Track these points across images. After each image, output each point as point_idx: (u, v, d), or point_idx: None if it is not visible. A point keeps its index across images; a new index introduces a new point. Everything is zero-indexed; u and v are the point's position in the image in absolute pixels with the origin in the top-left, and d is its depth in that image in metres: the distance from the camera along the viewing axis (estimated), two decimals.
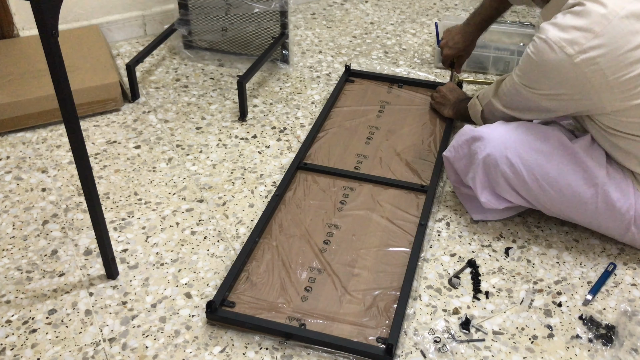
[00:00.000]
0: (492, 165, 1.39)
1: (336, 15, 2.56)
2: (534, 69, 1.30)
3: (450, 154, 1.49)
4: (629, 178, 1.35)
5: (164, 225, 1.51)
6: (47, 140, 1.79)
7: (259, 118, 1.91)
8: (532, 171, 1.36)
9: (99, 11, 2.25)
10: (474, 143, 1.42)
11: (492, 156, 1.38)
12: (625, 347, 1.23)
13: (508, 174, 1.37)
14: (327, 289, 1.32)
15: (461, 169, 1.48)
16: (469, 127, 1.46)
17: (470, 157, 1.43)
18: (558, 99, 1.30)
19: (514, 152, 1.36)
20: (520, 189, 1.39)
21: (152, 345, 1.22)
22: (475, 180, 1.43)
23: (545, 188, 1.36)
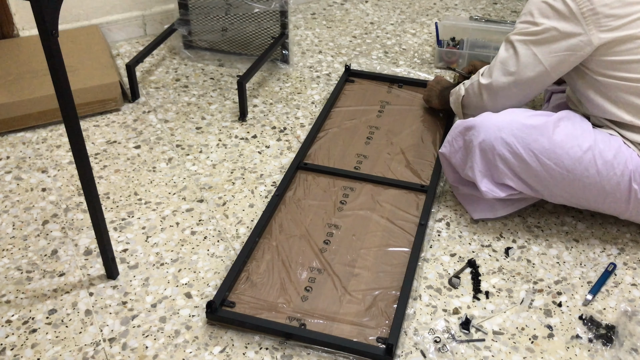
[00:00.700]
0: (489, 150, 1.39)
1: (336, 15, 2.56)
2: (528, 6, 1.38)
3: (445, 149, 1.50)
4: (614, 134, 1.38)
5: (164, 225, 1.51)
6: (47, 140, 1.79)
7: (259, 118, 1.91)
8: (528, 147, 1.36)
9: (99, 11, 2.25)
10: (468, 132, 1.43)
11: (487, 141, 1.39)
12: (625, 347, 1.23)
13: (506, 155, 1.38)
14: (327, 289, 1.32)
15: (458, 162, 1.48)
16: (460, 120, 1.48)
17: (466, 148, 1.44)
18: (551, 40, 1.35)
19: (508, 132, 1.38)
20: (520, 171, 1.39)
21: (152, 345, 1.22)
22: (474, 169, 1.43)
23: (544, 162, 1.36)
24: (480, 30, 2.25)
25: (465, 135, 1.44)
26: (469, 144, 1.43)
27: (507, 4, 2.68)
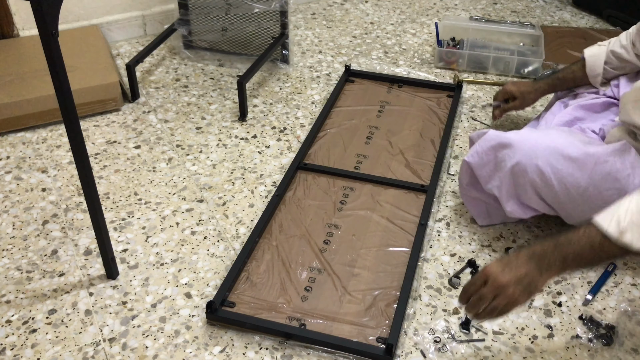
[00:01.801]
0: (521, 175, 1.33)
1: (336, 15, 2.56)
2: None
3: (473, 159, 1.41)
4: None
5: (164, 225, 1.51)
6: (47, 140, 1.79)
7: (259, 118, 1.91)
8: (562, 181, 1.30)
9: (99, 11, 2.25)
10: (502, 150, 1.35)
11: (521, 164, 1.32)
12: (625, 347, 1.23)
13: (537, 182, 1.32)
14: (327, 289, 1.32)
15: (483, 176, 1.41)
16: (494, 132, 1.39)
17: (497, 165, 1.37)
18: None
19: (544, 161, 1.30)
20: (548, 198, 1.35)
21: (152, 345, 1.22)
22: (501, 189, 1.38)
23: (574, 197, 1.31)
24: (480, 30, 2.26)
25: (498, 152, 1.36)
26: (501, 163, 1.36)
27: (507, 4, 2.68)
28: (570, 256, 1.02)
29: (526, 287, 1.03)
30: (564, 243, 1.03)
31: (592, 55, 1.59)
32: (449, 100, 1.96)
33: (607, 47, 1.57)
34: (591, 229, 1.01)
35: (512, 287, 1.02)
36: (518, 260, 1.04)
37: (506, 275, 1.03)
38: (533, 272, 1.03)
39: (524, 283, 1.03)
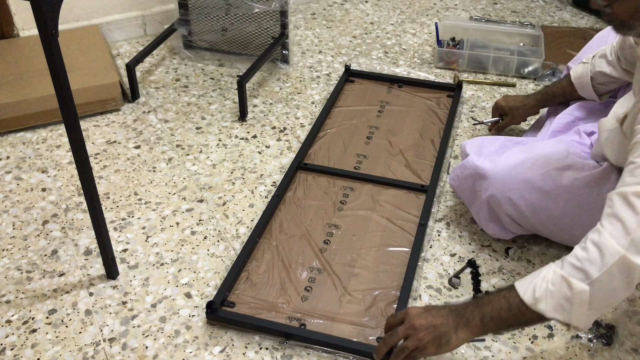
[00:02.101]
0: (496, 205, 1.36)
1: (336, 15, 2.56)
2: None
3: (454, 182, 1.45)
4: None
5: (164, 225, 1.51)
6: (47, 140, 1.79)
7: (259, 118, 1.91)
8: (536, 212, 1.32)
9: (99, 11, 2.25)
10: (478, 181, 1.37)
11: (495, 197, 1.34)
12: (625, 347, 1.23)
13: (513, 213, 1.35)
14: (327, 289, 1.32)
15: (465, 198, 1.45)
16: (472, 158, 1.39)
17: (473, 193, 1.40)
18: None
19: (517, 194, 1.32)
20: (526, 225, 1.37)
21: (152, 345, 1.22)
22: (479, 215, 1.42)
23: (550, 227, 1.34)
24: (480, 30, 2.26)
25: (475, 181, 1.38)
26: (477, 192, 1.38)
27: (507, 4, 2.68)
28: (488, 315, 1.04)
29: (437, 337, 1.05)
30: (484, 302, 1.05)
31: (578, 77, 1.56)
32: (449, 100, 1.96)
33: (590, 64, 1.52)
34: (511, 292, 1.03)
35: (423, 332, 1.05)
36: (439, 311, 1.07)
37: (421, 319, 1.06)
38: (449, 325, 1.05)
39: (435, 332, 1.05)
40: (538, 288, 1.01)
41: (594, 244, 0.98)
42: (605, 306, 1.00)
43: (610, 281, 0.96)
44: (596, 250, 0.97)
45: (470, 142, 1.49)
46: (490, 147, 1.46)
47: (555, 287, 0.99)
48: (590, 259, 0.97)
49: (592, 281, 0.97)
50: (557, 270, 1.01)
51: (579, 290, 0.97)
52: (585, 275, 0.98)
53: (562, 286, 0.99)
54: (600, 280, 0.97)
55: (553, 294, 0.99)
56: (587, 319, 1.00)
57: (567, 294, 0.98)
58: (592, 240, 0.99)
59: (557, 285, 0.99)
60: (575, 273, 0.98)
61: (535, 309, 1.00)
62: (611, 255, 0.96)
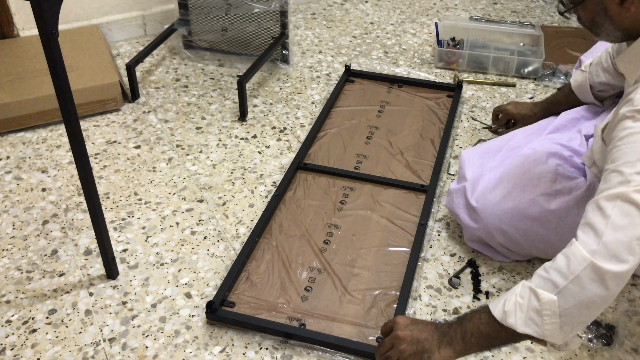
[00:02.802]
0: (489, 237, 1.38)
1: (336, 15, 2.56)
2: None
3: (449, 205, 1.46)
4: None
5: (164, 225, 1.51)
6: (47, 140, 1.79)
7: (259, 118, 1.91)
8: (529, 238, 1.33)
9: (99, 11, 2.25)
10: (470, 212, 1.39)
11: (487, 229, 1.36)
12: (625, 347, 1.23)
13: (506, 243, 1.36)
14: (327, 288, 1.32)
15: (460, 222, 1.45)
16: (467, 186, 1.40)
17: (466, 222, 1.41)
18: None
19: (508, 224, 1.33)
20: (520, 251, 1.38)
21: (152, 345, 1.22)
22: (473, 242, 1.44)
23: (545, 250, 1.35)
24: (480, 30, 2.26)
25: (468, 210, 1.40)
26: (468, 223, 1.40)
27: (507, 4, 2.68)
28: (469, 333, 1.02)
29: (419, 352, 1.03)
30: (466, 319, 1.04)
31: (578, 86, 1.56)
32: (449, 100, 1.96)
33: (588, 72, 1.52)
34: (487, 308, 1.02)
35: (406, 344, 1.04)
36: (425, 326, 1.06)
37: (407, 331, 1.05)
38: (432, 341, 1.04)
39: (418, 346, 1.04)
40: (507, 302, 0.99)
41: (563, 254, 0.97)
42: (582, 316, 0.96)
43: (580, 289, 0.93)
44: (564, 259, 0.95)
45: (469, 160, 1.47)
46: (491, 162, 1.46)
47: (524, 299, 0.97)
48: (557, 268, 0.95)
49: (560, 290, 0.94)
50: (526, 283, 0.99)
51: (547, 300, 0.94)
52: (552, 285, 0.95)
53: (530, 298, 0.96)
54: (568, 289, 0.93)
55: (522, 306, 0.97)
56: (562, 332, 0.96)
57: (536, 305, 0.95)
58: (563, 251, 0.97)
59: (525, 298, 0.97)
60: (542, 284, 0.96)
61: (505, 324, 0.98)
62: (578, 263, 0.93)
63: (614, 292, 0.94)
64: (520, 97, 2.02)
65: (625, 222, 0.92)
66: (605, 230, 0.93)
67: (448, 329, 1.04)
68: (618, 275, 0.93)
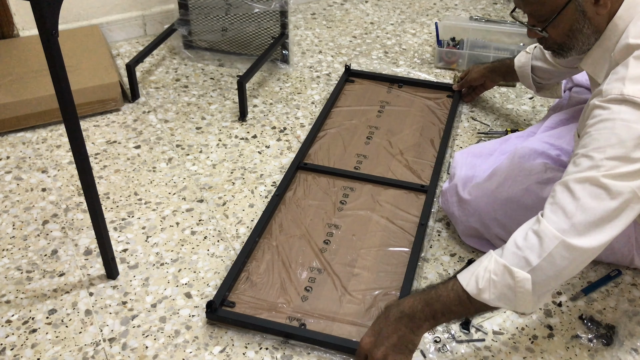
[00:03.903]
0: (484, 228, 1.38)
1: (336, 15, 2.56)
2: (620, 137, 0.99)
3: (444, 205, 1.47)
4: None
5: (164, 225, 1.51)
6: (47, 140, 1.79)
7: (259, 118, 1.91)
8: None
9: (99, 11, 2.25)
10: (462, 205, 1.40)
11: (482, 220, 1.36)
12: (625, 347, 1.23)
13: (500, 234, 1.36)
14: (327, 288, 1.32)
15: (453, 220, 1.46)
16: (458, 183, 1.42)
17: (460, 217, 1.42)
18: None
19: (502, 214, 1.34)
20: None
21: (152, 345, 1.22)
22: (469, 238, 1.44)
23: None
24: (480, 30, 2.26)
25: (461, 206, 1.40)
26: (462, 217, 1.40)
27: (507, 4, 2.68)
28: (439, 312, 1.06)
29: (404, 349, 1.07)
30: (433, 299, 1.06)
31: (520, 67, 1.61)
32: (448, 100, 1.96)
33: (532, 54, 1.56)
34: (458, 285, 1.05)
35: (391, 356, 1.06)
36: (388, 327, 1.07)
37: (380, 348, 1.07)
38: (405, 334, 1.07)
39: (399, 347, 1.07)
40: (481, 279, 1.03)
41: (534, 232, 1.01)
42: (551, 287, 1.03)
43: (552, 266, 0.99)
44: (535, 238, 1.00)
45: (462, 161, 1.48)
46: (484, 165, 1.47)
47: (498, 277, 1.01)
48: (530, 246, 1.00)
49: (533, 268, 0.99)
50: (499, 259, 1.02)
51: (521, 278, 1.00)
52: (526, 262, 1.00)
53: (505, 276, 1.01)
54: (541, 267, 0.99)
55: (496, 283, 1.01)
56: (532, 304, 1.03)
57: (510, 282, 1.00)
58: (532, 229, 1.02)
59: (499, 275, 1.01)
60: (516, 261, 1.01)
61: (479, 299, 1.03)
62: (550, 241, 0.98)
63: (584, 265, 1.02)
64: (520, 97, 2.02)
65: (595, 204, 0.98)
66: (575, 212, 0.98)
67: (414, 313, 1.06)
68: (588, 251, 0.99)
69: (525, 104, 1.99)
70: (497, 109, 1.96)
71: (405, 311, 1.07)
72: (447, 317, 1.06)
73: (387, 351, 1.06)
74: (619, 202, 0.98)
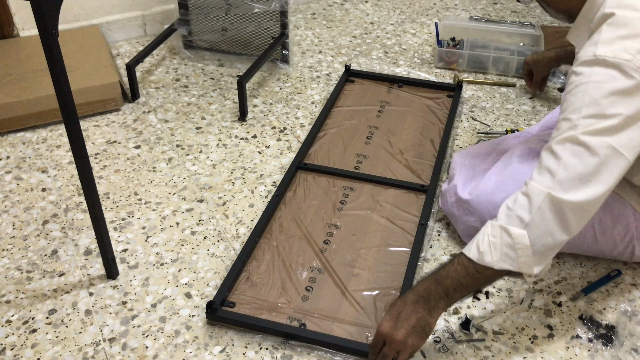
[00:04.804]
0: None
1: (336, 15, 2.56)
2: (593, 97, 1.04)
3: (443, 206, 1.48)
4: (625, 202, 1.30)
5: (164, 225, 1.51)
6: (47, 140, 1.79)
7: (259, 118, 1.91)
8: None
9: (99, 11, 2.25)
10: (462, 206, 1.40)
11: (482, 219, 1.35)
12: (625, 347, 1.23)
13: None
14: (328, 288, 1.32)
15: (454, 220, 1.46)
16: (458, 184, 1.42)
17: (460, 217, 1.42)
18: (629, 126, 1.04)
19: None
20: None
21: (152, 345, 1.22)
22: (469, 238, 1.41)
23: None
24: (480, 30, 2.26)
25: (460, 206, 1.41)
26: (462, 217, 1.41)
27: (507, 4, 2.68)
28: (451, 289, 1.10)
29: (421, 332, 1.10)
30: (443, 277, 1.10)
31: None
32: (449, 100, 1.96)
33: None
34: (462, 257, 1.10)
35: (410, 338, 1.09)
36: (406, 310, 1.10)
37: (400, 331, 1.09)
38: (423, 316, 1.09)
39: (418, 330, 1.09)
40: (481, 243, 1.08)
41: (523, 194, 1.07)
42: (548, 249, 1.06)
43: (543, 220, 1.04)
44: (524, 198, 1.06)
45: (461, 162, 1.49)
46: (482, 165, 1.47)
47: (496, 238, 1.06)
48: (520, 206, 1.06)
49: (527, 224, 1.05)
50: (494, 223, 1.08)
51: (518, 234, 1.05)
52: (519, 220, 1.05)
53: (503, 235, 1.06)
54: (534, 221, 1.04)
55: (496, 244, 1.06)
56: (535, 262, 1.06)
57: (508, 241, 1.05)
58: (520, 192, 1.08)
59: (497, 236, 1.06)
60: (510, 220, 1.06)
61: (483, 264, 1.07)
62: (537, 196, 1.04)
63: (573, 221, 1.05)
64: (520, 97, 2.02)
65: (576, 161, 1.03)
66: (558, 170, 1.04)
67: (428, 294, 1.10)
68: (572, 204, 1.03)
69: (525, 104, 1.99)
70: (497, 109, 1.97)
71: (420, 293, 1.10)
72: (459, 293, 1.09)
73: (408, 333, 1.08)
74: (599, 157, 1.02)
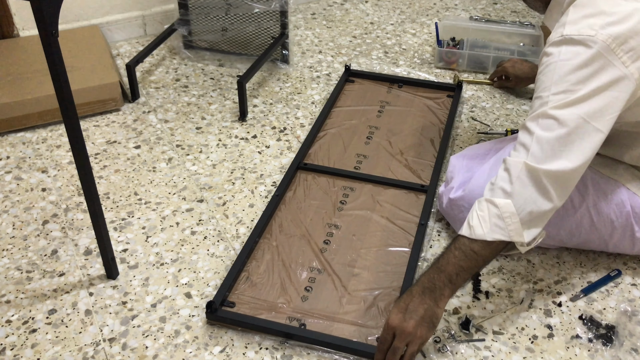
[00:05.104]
0: None
1: (336, 15, 2.56)
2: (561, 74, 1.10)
3: (441, 208, 1.48)
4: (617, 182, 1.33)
5: (164, 225, 1.51)
6: (47, 140, 1.79)
7: (259, 118, 1.91)
8: None
9: (99, 11, 2.25)
10: (460, 204, 1.40)
11: None
12: (625, 347, 1.23)
13: None
14: (327, 288, 1.32)
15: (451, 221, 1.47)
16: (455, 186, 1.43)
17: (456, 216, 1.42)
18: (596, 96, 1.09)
19: None
20: None
21: (152, 345, 1.22)
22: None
23: None
24: (480, 30, 2.26)
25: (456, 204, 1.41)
26: (458, 216, 1.41)
27: (507, 4, 2.68)
28: (454, 274, 1.13)
29: (429, 323, 1.12)
30: (444, 265, 1.14)
31: None
32: (449, 100, 1.96)
33: None
34: (458, 239, 1.15)
35: (419, 329, 1.11)
36: (414, 302, 1.13)
37: (410, 322, 1.11)
38: (431, 307, 1.12)
39: (426, 321, 1.12)
40: (471, 219, 1.13)
41: (503, 169, 1.14)
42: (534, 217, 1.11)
43: (524, 188, 1.10)
44: (504, 172, 1.13)
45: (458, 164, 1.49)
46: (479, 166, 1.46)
47: (484, 211, 1.12)
48: (501, 179, 1.13)
49: (510, 193, 1.10)
50: (481, 199, 1.14)
51: (504, 204, 1.10)
52: (502, 191, 1.11)
53: (489, 207, 1.12)
54: (516, 190, 1.10)
55: (484, 217, 1.12)
56: (524, 230, 1.11)
57: (495, 211, 1.11)
58: (501, 168, 1.14)
59: (484, 209, 1.12)
60: (494, 193, 1.13)
61: (475, 237, 1.11)
62: (515, 167, 1.10)
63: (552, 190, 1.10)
64: (520, 97, 2.02)
65: (547, 134, 1.09)
66: (532, 144, 1.10)
67: (433, 284, 1.13)
68: (548, 173, 1.09)
69: (525, 104, 1.99)
70: (497, 109, 1.97)
71: (425, 285, 1.13)
72: (461, 277, 1.12)
73: (417, 324, 1.10)
74: (569, 128, 1.08)
